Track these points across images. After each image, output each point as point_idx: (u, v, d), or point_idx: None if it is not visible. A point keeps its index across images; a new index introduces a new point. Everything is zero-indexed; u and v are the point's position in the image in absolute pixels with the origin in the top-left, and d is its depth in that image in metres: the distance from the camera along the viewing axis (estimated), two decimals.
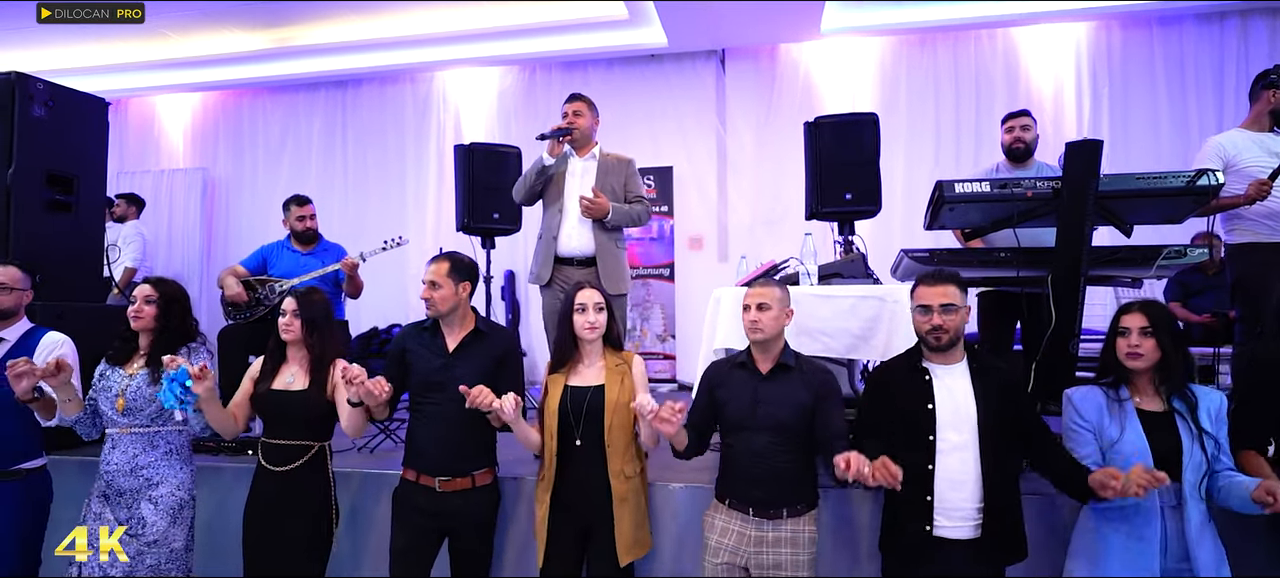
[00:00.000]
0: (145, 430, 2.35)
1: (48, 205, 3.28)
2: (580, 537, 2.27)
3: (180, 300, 2.45)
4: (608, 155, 3.38)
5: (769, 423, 2.10)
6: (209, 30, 6.46)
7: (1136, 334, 2.00)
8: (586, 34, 6.20)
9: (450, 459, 2.29)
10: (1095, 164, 2.56)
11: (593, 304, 2.30)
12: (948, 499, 1.98)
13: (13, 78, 3.17)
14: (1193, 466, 1.91)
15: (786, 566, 2.06)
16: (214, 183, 7.30)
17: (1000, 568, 2.03)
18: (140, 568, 2.28)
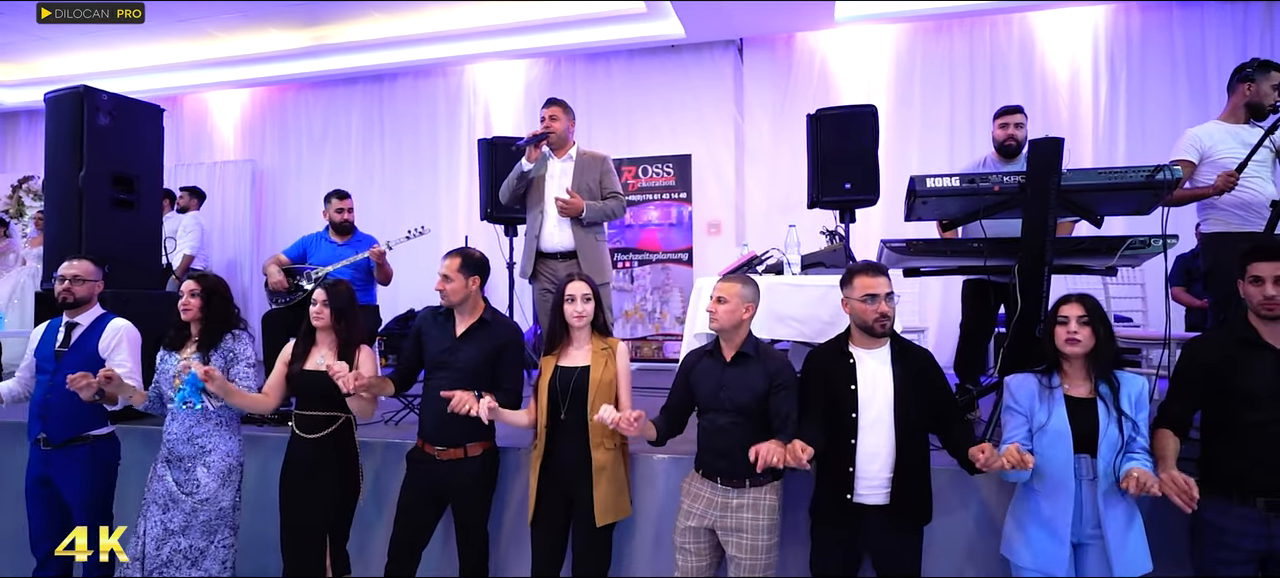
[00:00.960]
0: (199, 406, 2.70)
1: (113, 204, 3.68)
2: (566, 502, 2.55)
3: (221, 292, 2.78)
4: (584, 154, 3.60)
5: (731, 405, 2.34)
6: (252, 30, 6.88)
7: (1075, 323, 2.17)
8: (608, 27, 6.41)
9: (447, 431, 2.58)
10: (1057, 161, 2.71)
11: (581, 295, 2.56)
12: (866, 470, 2.22)
13: (81, 90, 3.56)
14: (1108, 444, 2.09)
15: (747, 528, 2.31)
16: (262, 173, 7.78)
17: (911, 530, 2.27)
18: (195, 522, 2.64)
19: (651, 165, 6.54)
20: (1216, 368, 2.17)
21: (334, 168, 7.45)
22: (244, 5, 6.34)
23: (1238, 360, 2.13)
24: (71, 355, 2.79)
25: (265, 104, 7.84)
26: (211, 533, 2.67)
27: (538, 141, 3.47)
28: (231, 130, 7.95)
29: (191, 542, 2.63)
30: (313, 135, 7.64)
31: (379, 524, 3.11)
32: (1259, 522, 2.05)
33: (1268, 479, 2.05)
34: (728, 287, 2.38)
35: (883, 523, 2.21)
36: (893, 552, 2.25)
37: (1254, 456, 2.07)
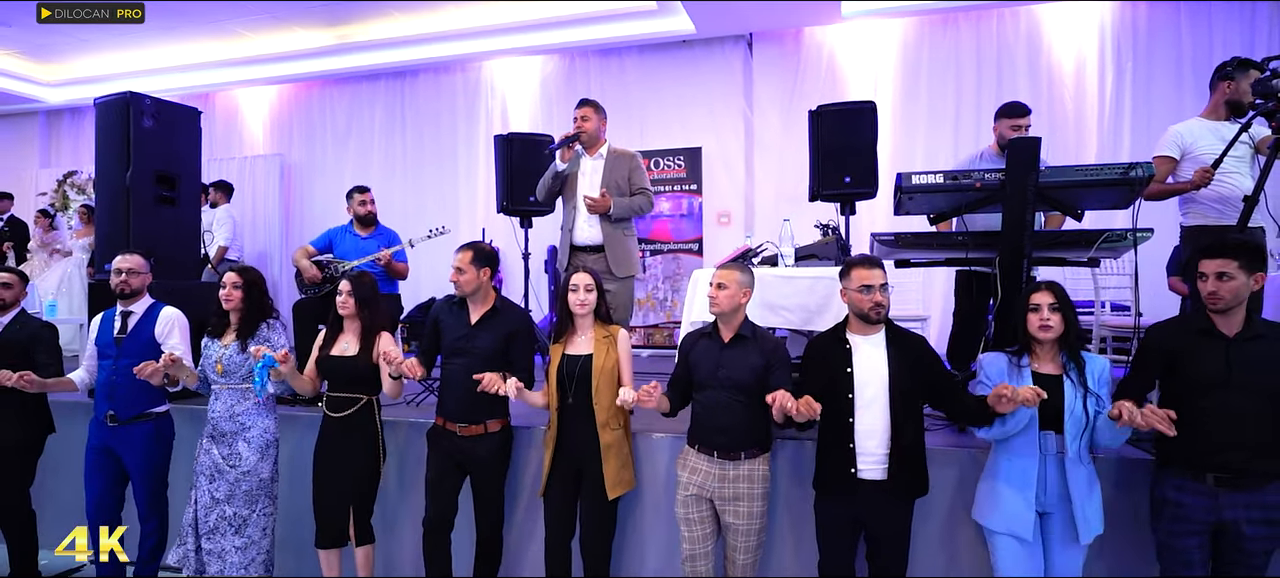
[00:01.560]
0: (239, 387, 2.98)
1: (157, 200, 3.96)
2: (575, 476, 2.79)
3: (258, 284, 3.05)
4: (614, 151, 3.77)
5: (728, 382, 2.55)
6: (280, 29, 7.16)
7: (1047, 310, 2.34)
8: (620, 23, 6.59)
9: (467, 409, 2.83)
10: (1035, 159, 2.87)
11: (583, 285, 2.78)
12: (864, 446, 2.41)
13: (127, 96, 3.83)
14: (1073, 420, 2.28)
15: (744, 497, 2.54)
16: (290, 167, 8.09)
17: (907, 501, 2.46)
18: (238, 492, 2.93)
19: (663, 158, 6.73)
20: (1173, 353, 2.34)
21: (358, 161, 7.74)
22: (272, 6, 6.60)
23: (1193, 348, 2.30)
24: (129, 342, 3.08)
25: (293, 100, 8.14)
26: (253, 502, 2.96)
27: (570, 143, 3.66)
28: (261, 126, 8.27)
29: (236, 510, 2.91)
30: (338, 130, 7.93)
31: (399, 497, 3.37)
32: (1208, 495, 2.23)
33: (1216, 457, 2.22)
34: (727, 274, 2.58)
35: (880, 496, 2.41)
36: (887, 521, 2.45)
37: (1204, 435, 2.23)
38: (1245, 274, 2.21)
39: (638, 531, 3.12)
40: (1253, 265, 2.22)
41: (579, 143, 3.70)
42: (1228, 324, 2.27)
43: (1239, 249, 2.23)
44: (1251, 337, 2.24)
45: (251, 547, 2.94)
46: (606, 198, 3.56)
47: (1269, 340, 2.24)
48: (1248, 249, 2.23)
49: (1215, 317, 2.28)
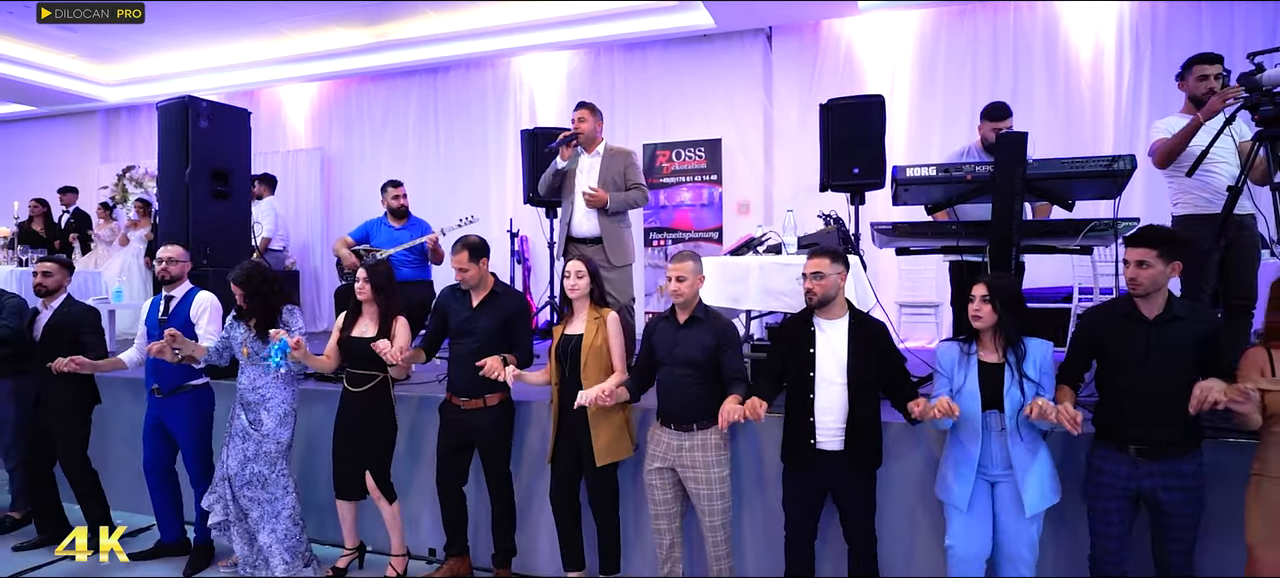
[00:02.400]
0: (261, 365, 3.31)
1: (212, 195, 4.32)
2: (575, 445, 3.07)
3: (269, 278, 3.37)
4: (611, 149, 4.02)
5: (684, 360, 2.81)
6: (321, 28, 7.52)
7: (979, 301, 2.53)
8: (643, 19, 6.80)
9: (470, 385, 3.14)
10: (1022, 152, 3.04)
11: (574, 271, 3.06)
12: (822, 421, 2.64)
13: (186, 100, 4.19)
14: (1011, 402, 2.46)
15: (699, 465, 2.80)
16: (330, 160, 8.49)
17: (864, 472, 2.70)
18: (261, 453, 3.29)
19: (684, 149, 6.94)
20: (1101, 336, 2.53)
21: (394, 154, 8.10)
22: (314, 6, 6.95)
23: (1117, 331, 2.48)
24: (170, 322, 3.47)
25: (332, 96, 8.53)
26: (273, 463, 3.33)
27: (569, 142, 3.93)
28: (303, 121, 8.68)
29: (260, 468, 3.30)
30: (375, 124, 8.29)
31: (412, 464, 3.73)
32: (1129, 465, 2.41)
33: (1136, 431, 2.41)
34: (682, 266, 2.82)
35: (839, 465, 2.64)
36: (849, 489, 2.68)
37: (1126, 410, 2.43)
38: (1163, 263, 2.37)
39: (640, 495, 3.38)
40: (1170, 255, 2.38)
41: (578, 142, 3.94)
42: (1149, 308, 2.43)
43: (1157, 239, 2.40)
44: (1169, 319, 2.41)
45: (276, 501, 3.33)
46: (602, 193, 3.81)
47: (1186, 322, 2.40)
48: (1165, 239, 2.41)
49: (1138, 301, 2.45)
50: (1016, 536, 2.51)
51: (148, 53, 8.09)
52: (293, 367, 3.29)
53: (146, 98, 9.00)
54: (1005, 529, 2.53)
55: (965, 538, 2.55)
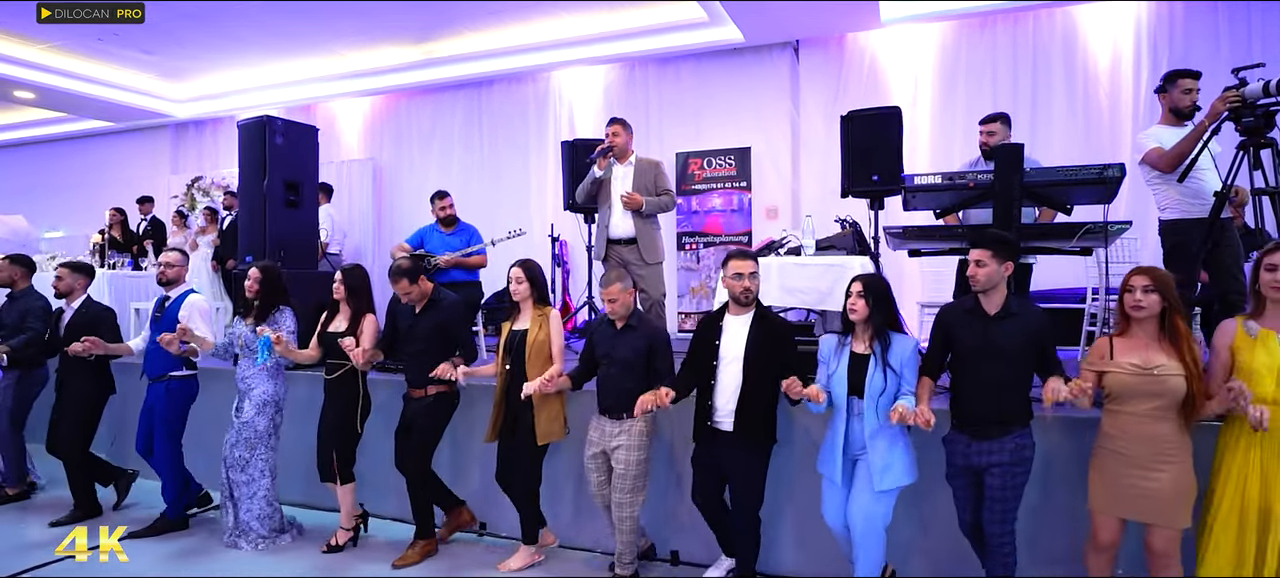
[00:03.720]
0: (251, 357, 3.79)
1: (286, 204, 4.81)
2: (514, 425, 3.50)
3: (276, 278, 3.90)
4: (642, 160, 4.44)
5: (618, 359, 3.25)
6: (373, 46, 8.03)
7: (855, 296, 2.84)
8: (675, 34, 7.15)
9: (417, 377, 3.64)
10: (1019, 162, 3.32)
11: (515, 277, 3.53)
12: (719, 403, 3.04)
13: (264, 119, 4.69)
14: (872, 389, 2.77)
15: (624, 447, 3.23)
16: (381, 171, 9.02)
17: (755, 450, 3.05)
18: (242, 438, 3.79)
19: (715, 157, 7.29)
20: (951, 329, 2.84)
21: (441, 164, 8.59)
22: (367, 26, 7.46)
23: (965, 324, 2.78)
24: (163, 320, 4.01)
25: (383, 110, 9.07)
26: (253, 447, 3.83)
27: (604, 154, 4.32)
28: (356, 134, 9.23)
29: (241, 453, 3.80)
30: (423, 136, 8.80)
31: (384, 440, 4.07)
32: (965, 444, 2.74)
33: (971, 414, 2.73)
34: (614, 289, 3.27)
35: (731, 443, 3.03)
36: (738, 464, 3.06)
37: (964, 396, 2.76)
38: (996, 262, 2.68)
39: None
40: (1002, 255, 2.70)
41: (612, 154, 4.32)
42: (989, 304, 2.74)
43: (992, 242, 2.71)
44: (1005, 315, 2.71)
45: (253, 482, 3.83)
46: (638, 197, 4.21)
47: (1019, 317, 2.70)
48: (999, 242, 2.72)
49: (981, 299, 2.76)
50: (866, 509, 2.78)
51: (214, 71, 8.71)
52: (280, 360, 3.80)
53: (212, 113, 9.67)
54: (856, 501, 2.82)
55: (833, 509, 2.91)
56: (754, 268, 3.06)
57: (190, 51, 8.01)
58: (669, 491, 3.72)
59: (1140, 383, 2.47)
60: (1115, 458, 2.55)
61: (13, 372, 4.52)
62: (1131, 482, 2.50)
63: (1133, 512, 2.53)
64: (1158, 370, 2.45)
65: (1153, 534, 2.51)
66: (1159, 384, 2.44)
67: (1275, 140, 3.18)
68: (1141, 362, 2.48)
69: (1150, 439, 2.47)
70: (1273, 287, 2.45)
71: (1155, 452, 2.47)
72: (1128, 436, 2.52)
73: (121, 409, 4.79)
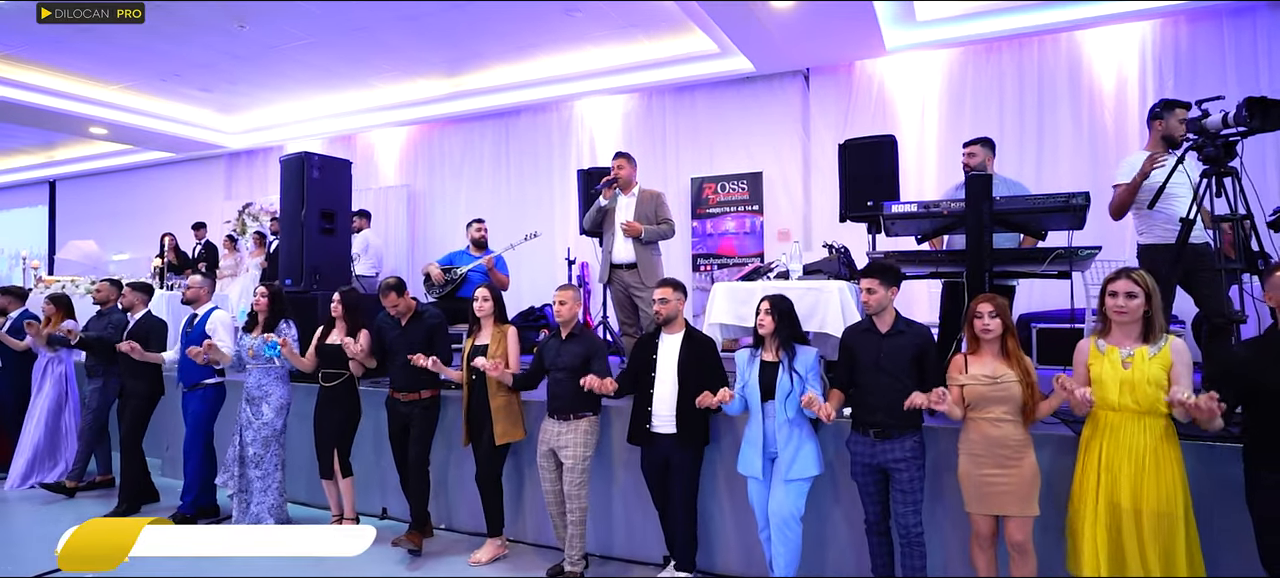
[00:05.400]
0: (264, 366, 4.31)
1: (322, 232, 5.24)
2: (480, 428, 3.92)
3: (280, 297, 4.43)
4: (644, 191, 4.72)
5: (564, 366, 3.67)
6: (407, 80, 8.53)
7: (763, 313, 3.25)
8: (690, 65, 7.47)
9: (406, 383, 4.09)
10: (987, 191, 3.52)
11: (481, 297, 3.98)
12: (657, 410, 3.48)
13: (303, 155, 5.15)
14: (782, 393, 3.17)
15: (571, 445, 3.65)
16: (415, 196, 9.52)
17: (692, 449, 3.50)
18: (259, 437, 4.29)
19: (728, 182, 7.55)
20: (852, 346, 3.20)
21: (471, 190, 9.04)
22: (402, 61, 7.96)
23: (862, 342, 3.16)
24: (192, 335, 4.56)
25: (417, 139, 9.58)
26: (268, 445, 4.34)
27: (609, 184, 4.65)
28: (392, 162, 9.77)
29: (258, 451, 4.30)
30: (454, 164, 9.27)
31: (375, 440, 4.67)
32: (869, 444, 3.08)
33: (872, 418, 3.07)
34: (565, 294, 3.76)
35: (671, 443, 3.47)
36: (676, 463, 3.49)
37: (864, 403, 3.11)
38: (883, 289, 3.08)
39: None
40: (888, 282, 3.10)
41: (617, 185, 4.64)
42: (882, 323, 3.14)
43: (879, 271, 3.11)
44: (896, 333, 3.10)
45: (267, 477, 4.34)
46: (637, 225, 4.51)
47: (907, 335, 3.09)
48: (885, 271, 3.12)
49: (874, 319, 3.15)
50: (783, 499, 3.17)
51: (265, 105, 9.35)
52: (285, 363, 4.29)
53: (262, 144, 10.34)
54: (774, 494, 3.20)
55: (757, 501, 3.28)
56: (666, 294, 3.55)
57: (243, 88, 8.65)
58: (609, 490, 4.10)
59: (989, 391, 2.85)
60: (972, 460, 2.90)
61: (96, 379, 5.20)
62: (988, 479, 2.85)
63: (996, 507, 2.85)
64: (1001, 379, 2.84)
65: (1009, 526, 2.84)
66: (1003, 391, 2.83)
67: (1235, 169, 3.32)
68: (990, 373, 2.86)
69: (999, 440, 2.84)
70: (1114, 310, 2.71)
71: (1004, 451, 2.83)
72: (981, 439, 2.87)
73: (174, 422, 5.26)
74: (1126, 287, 2.69)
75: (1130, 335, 2.71)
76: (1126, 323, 2.70)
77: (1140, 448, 2.61)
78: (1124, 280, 2.71)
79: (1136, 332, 2.70)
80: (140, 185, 11.99)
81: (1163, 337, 2.67)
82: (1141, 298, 2.67)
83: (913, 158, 6.76)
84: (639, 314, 4.58)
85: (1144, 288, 2.68)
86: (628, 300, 4.63)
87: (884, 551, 3.19)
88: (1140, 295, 2.67)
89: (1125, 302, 2.68)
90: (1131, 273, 2.73)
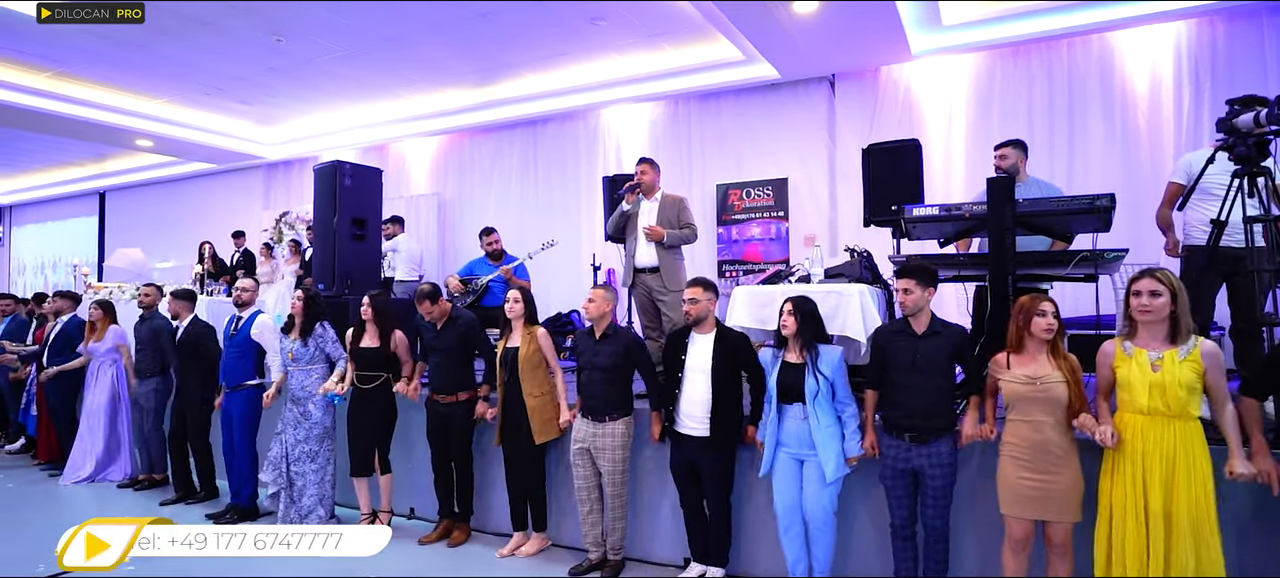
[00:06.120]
0: (305, 367, 4.48)
1: (353, 238, 5.39)
2: (516, 428, 4.01)
3: (316, 300, 4.57)
4: (667, 196, 4.76)
5: (600, 366, 3.71)
6: (437, 90, 8.70)
7: (785, 316, 3.28)
8: (715, 72, 7.51)
9: (445, 385, 4.25)
10: (1009, 194, 3.49)
11: (512, 298, 4.06)
12: (687, 410, 3.50)
13: (335, 164, 5.30)
14: (810, 393, 3.18)
15: (608, 447, 3.71)
16: (445, 204, 9.70)
17: (725, 450, 3.48)
18: (311, 435, 4.46)
19: (754, 188, 7.56)
20: (885, 348, 3.18)
21: (500, 198, 9.17)
22: (432, 72, 8.13)
23: (896, 343, 3.14)
24: (236, 338, 4.75)
25: (448, 148, 9.76)
26: (320, 442, 4.49)
27: (632, 190, 4.71)
28: (423, 171, 9.96)
29: (311, 447, 4.45)
30: (484, 172, 9.43)
31: (406, 443, 4.78)
32: (904, 449, 3.06)
33: (907, 421, 3.06)
34: (596, 293, 3.82)
35: (702, 446, 3.47)
36: (707, 464, 3.49)
37: (899, 405, 3.09)
38: (920, 289, 3.07)
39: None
40: (924, 283, 3.09)
41: (639, 190, 4.69)
42: (918, 324, 3.11)
43: (915, 273, 3.09)
44: (931, 334, 3.07)
45: (321, 470, 4.51)
46: (659, 229, 4.55)
47: (943, 336, 3.07)
48: (921, 272, 3.10)
49: (910, 320, 3.12)
50: (816, 499, 3.19)
51: (300, 116, 9.63)
52: (334, 354, 4.49)
53: (299, 154, 10.62)
54: (808, 495, 3.19)
55: (780, 501, 3.29)
56: (695, 294, 3.53)
57: (280, 100, 8.92)
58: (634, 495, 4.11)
59: (1029, 392, 2.79)
60: (1013, 462, 2.83)
61: (151, 380, 5.44)
62: (1028, 483, 2.78)
63: (1035, 511, 2.79)
64: (1042, 380, 2.76)
65: (1051, 528, 2.80)
66: (1044, 392, 2.77)
67: (1269, 169, 3.25)
68: (1031, 373, 2.79)
69: (1041, 445, 2.76)
70: (1138, 310, 2.67)
71: (1047, 457, 2.76)
72: (1022, 442, 2.81)
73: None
74: (1150, 285, 2.65)
75: (1157, 337, 2.67)
76: (1151, 323, 2.66)
77: (1170, 452, 2.57)
78: (1147, 279, 2.67)
79: (1163, 332, 2.66)
80: (183, 195, 12.41)
81: (1191, 338, 2.63)
82: (1166, 297, 2.62)
83: (940, 163, 6.71)
84: (662, 318, 4.61)
85: (1168, 287, 2.63)
86: (650, 304, 4.68)
87: (909, 556, 3.16)
88: (1165, 294, 2.63)
89: (1149, 301, 2.64)
90: (1155, 272, 2.69)
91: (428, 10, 6.34)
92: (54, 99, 8.45)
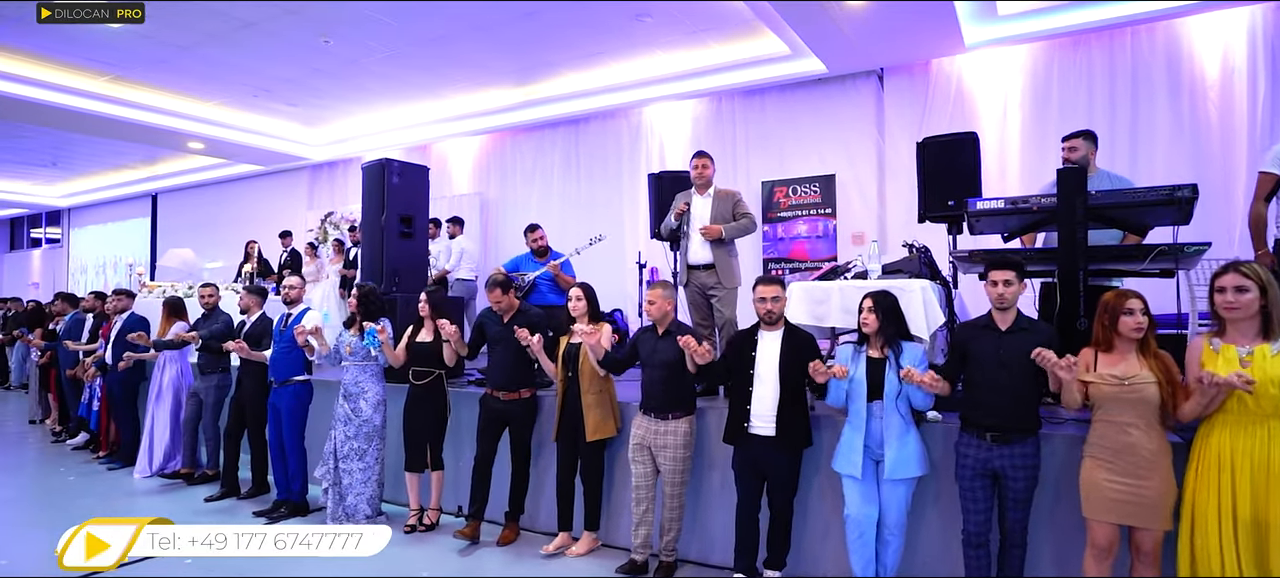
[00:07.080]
0: (361, 364, 4.45)
1: (401, 235, 5.41)
2: (574, 426, 3.93)
3: (370, 296, 4.52)
4: (720, 191, 4.67)
5: (660, 362, 3.64)
6: (480, 90, 8.75)
7: (866, 312, 3.14)
8: (760, 67, 7.40)
9: (506, 381, 4.16)
10: (1082, 185, 3.33)
11: (574, 296, 3.95)
12: (757, 410, 3.33)
13: (383, 162, 5.33)
14: (890, 390, 3.05)
15: (670, 445, 3.61)
16: (487, 203, 9.74)
17: (792, 452, 3.35)
18: (361, 433, 4.40)
19: (800, 185, 7.43)
20: (966, 344, 3.04)
21: (542, 197, 9.18)
22: (474, 72, 8.18)
23: (978, 339, 3.00)
24: (285, 333, 4.74)
25: (490, 148, 9.81)
26: (369, 440, 4.45)
27: (681, 218, 4.66)
28: (465, 170, 10.03)
29: (359, 444, 4.43)
30: (525, 171, 9.45)
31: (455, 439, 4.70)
32: (984, 448, 2.91)
33: (988, 421, 2.91)
34: (654, 293, 3.72)
35: (770, 447, 3.33)
36: (774, 467, 3.36)
37: (980, 404, 2.95)
38: (1018, 282, 2.96)
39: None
40: (1023, 276, 3.00)
41: (688, 207, 4.64)
42: (1003, 321, 2.97)
43: (1014, 264, 2.98)
44: (1016, 330, 2.93)
45: (368, 469, 4.45)
46: (716, 228, 4.47)
47: (1028, 333, 2.89)
48: (1019, 265, 2.99)
49: (995, 315, 2.98)
50: (889, 500, 3.09)
51: (345, 117, 9.77)
52: (381, 357, 4.41)
53: (342, 156, 10.79)
54: (884, 495, 3.09)
55: (857, 504, 3.13)
56: (776, 292, 3.39)
57: (326, 101, 9.06)
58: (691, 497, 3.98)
59: (1117, 392, 2.64)
60: (1098, 464, 2.69)
61: (212, 376, 5.50)
62: (1118, 488, 2.63)
63: (1121, 516, 2.64)
64: (1131, 380, 2.62)
65: (1139, 535, 2.64)
66: (1134, 393, 2.61)
67: None
68: (1120, 373, 2.65)
69: (1128, 448, 2.62)
70: (1224, 306, 2.53)
71: (1135, 460, 2.61)
72: (1108, 444, 2.66)
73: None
74: (1235, 280, 2.50)
75: (1247, 334, 2.51)
76: (1239, 319, 2.51)
77: (1262, 455, 2.41)
78: (1232, 274, 2.52)
79: (1254, 328, 2.51)
80: (231, 197, 12.71)
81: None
82: (1254, 292, 2.48)
83: (994, 158, 6.50)
84: (715, 313, 4.53)
85: (1256, 281, 2.48)
86: (704, 301, 4.60)
87: (981, 566, 3.00)
88: (1252, 289, 2.48)
89: (1234, 297, 2.49)
90: (1241, 266, 2.54)
91: (472, 10, 6.37)
92: (112, 103, 8.71)
